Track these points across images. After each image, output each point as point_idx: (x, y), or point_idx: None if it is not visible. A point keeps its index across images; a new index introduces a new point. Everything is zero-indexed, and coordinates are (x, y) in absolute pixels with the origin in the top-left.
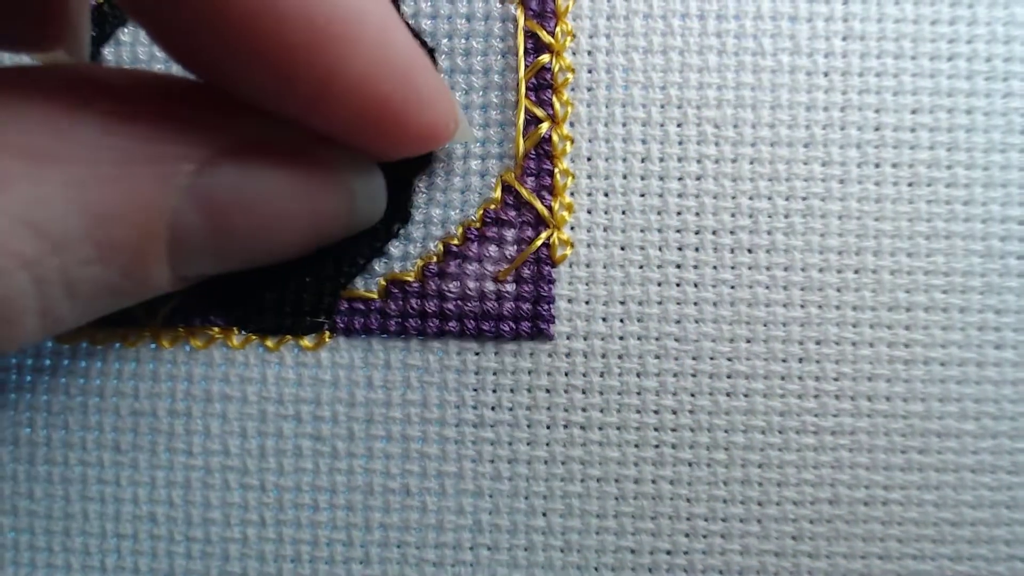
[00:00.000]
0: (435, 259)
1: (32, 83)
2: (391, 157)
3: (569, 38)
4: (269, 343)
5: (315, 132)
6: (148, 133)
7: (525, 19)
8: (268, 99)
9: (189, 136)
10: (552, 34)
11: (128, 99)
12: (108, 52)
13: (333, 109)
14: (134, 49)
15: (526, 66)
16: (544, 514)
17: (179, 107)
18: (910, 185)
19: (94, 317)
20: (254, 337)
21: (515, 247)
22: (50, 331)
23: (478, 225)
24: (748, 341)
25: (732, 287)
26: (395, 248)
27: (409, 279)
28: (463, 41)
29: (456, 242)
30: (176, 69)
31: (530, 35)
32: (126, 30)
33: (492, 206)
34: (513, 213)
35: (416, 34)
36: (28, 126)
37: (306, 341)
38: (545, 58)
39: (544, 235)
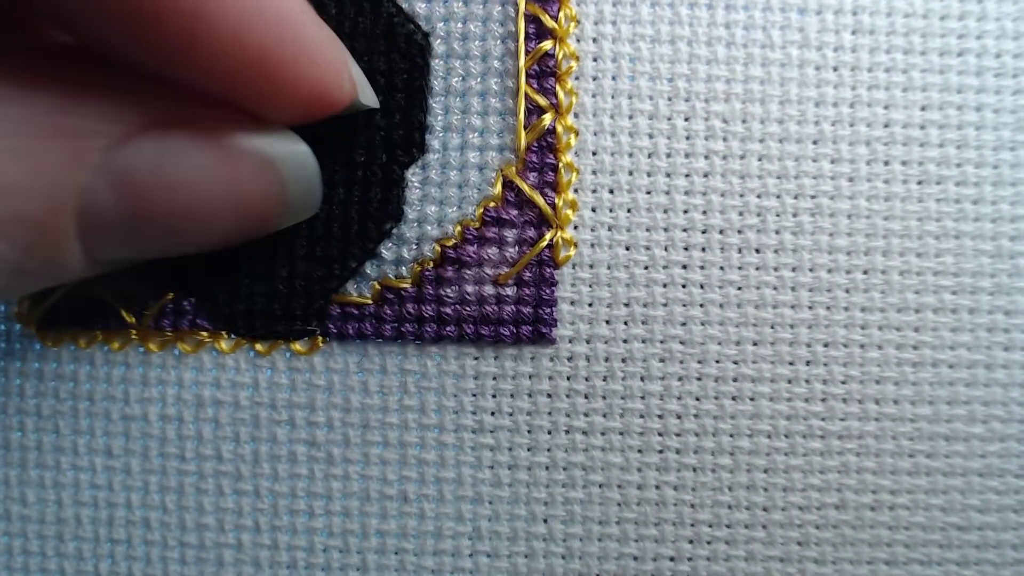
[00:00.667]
0: (431, 264)
1: None
2: (285, 121)
3: (573, 24)
4: (260, 347)
5: (239, 104)
6: (58, 105)
7: (526, 2)
8: (135, 50)
9: (103, 110)
10: (555, 19)
11: (37, 68)
12: None
13: (204, 60)
14: None
15: (527, 52)
16: (545, 521)
17: (93, 79)
18: (919, 183)
19: (3, 297)
20: (244, 342)
21: (516, 248)
22: None
23: (477, 225)
24: (755, 344)
25: (739, 288)
26: (387, 250)
27: (405, 286)
28: (460, 25)
29: (453, 244)
30: None
31: (532, 19)
32: None
33: (492, 203)
34: (515, 211)
35: (410, 18)
36: None
37: (298, 346)
38: (547, 44)
39: (548, 236)
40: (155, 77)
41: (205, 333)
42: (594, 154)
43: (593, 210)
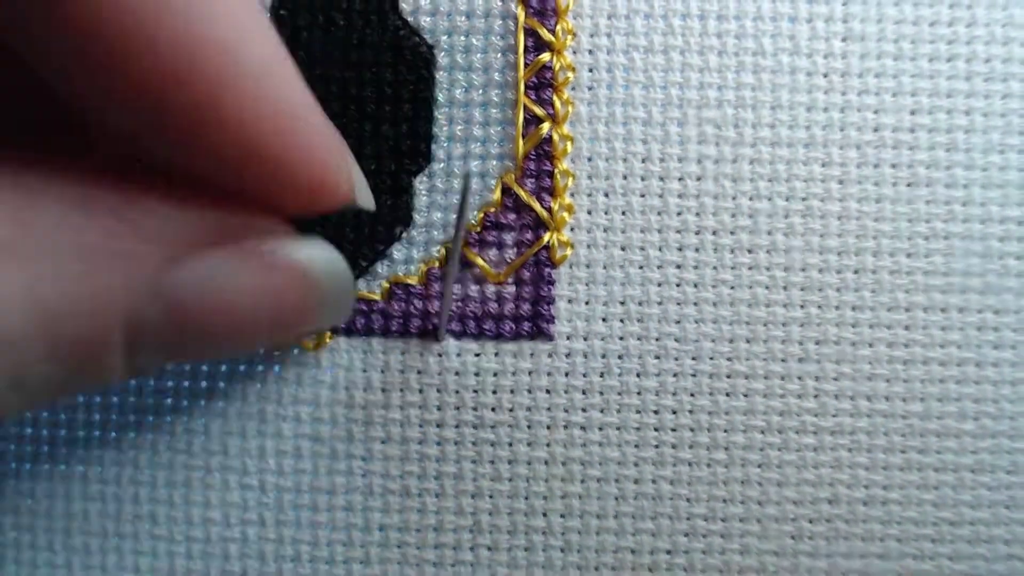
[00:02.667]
0: (437, 264)
1: None
2: (286, 212)
3: (570, 36)
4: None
5: (271, 213)
6: (108, 226)
7: (525, 17)
8: (139, 129)
9: (153, 232)
10: (553, 32)
11: (85, 188)
12: None
13: (208, 147)
14: None
15: (526, 64)
16: (544, 514)
17: (140, 197)
18: (909, 185)
19: (41, 406)
20: None
21: (515, 250)
22: None
23: (478, 229)
24: (748, 341)
25: (732, 287)
26: (398, 252)
27: (412, 282)
28: (463, 38)
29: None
30: None
31: (530, 33)
32: None
33: (492, 209)
34: (513, 216)
35: (415, 31)
36: None
37: (306, 342)
38: (545, 56)
39: (544, 239)
40: (194, 192)
41: None
42: (589, 160)
43: (589, 213)
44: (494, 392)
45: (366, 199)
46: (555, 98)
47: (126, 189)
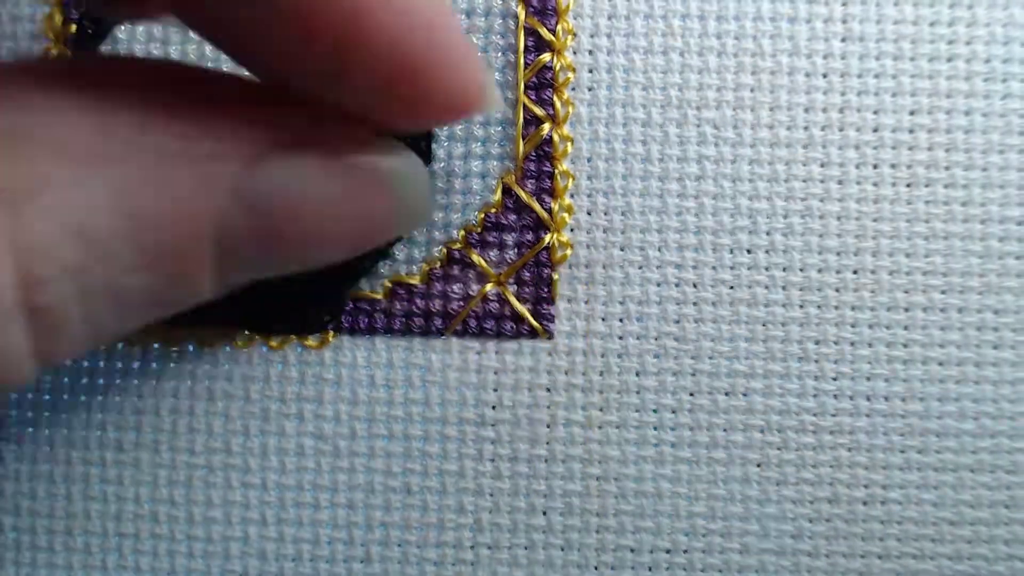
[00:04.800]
0: (439, 264)
1: (69, 76)
2: (421, 127)
3: (570, 37)
4: (273, 343)
5: (356, 120)
6: (188, 130)
7: (526, 16)
8: (283, 54)
9: (231, 133)
10: (553, 32)
11: (164, 92)
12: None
13: (355, 66)
14: (131, 47)
15: (527, 64)
16: (544, 513)
17: (219, 101)
18: (908, 186)
19: (139, 325)
20: (259, 338)
21: (516, 250)
22: (95, 341)
23: (479, 229)
24: (747, 341)
25: (731, 287)
26: (400, 252)
27: (414, 282)
28: None
29: (458, 246)
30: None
31: (531, 33)
32: (122, 28)
33: (493, 210)
34: (513, 217)
35: None
36: (68, 123)
37: (310, 340)
38: (546, 57)
39: (545, 240)
40: (273, 96)
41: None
42: (589, 161)
43: (588, 213)
44: (495, 390)
45: (499, 103)
46: (555, 98)
47: (198, 97)
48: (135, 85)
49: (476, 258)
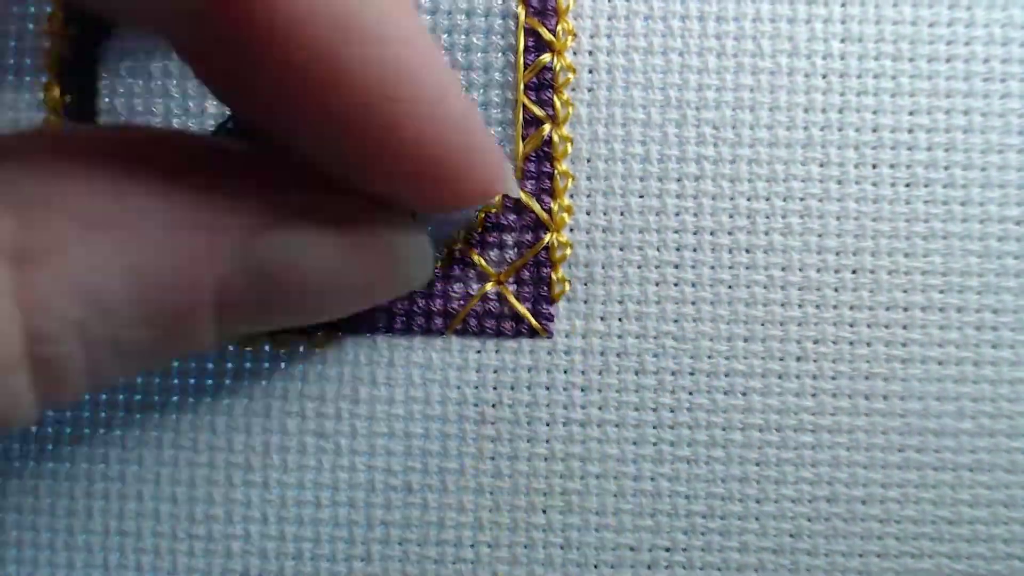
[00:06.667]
0: (439, 264)
1: (85, 146)
2: (438, 212)
3: (570, 37)
4: (276, 340)
5: (362, 193)
6: (196, 199)
7: (526, 16)
8: (322, 152)
9: (237, 202)
10: (553, 33)
11: (174, 162)
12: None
13: (387, 166)
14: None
15: (527, 65)
16: (544, 511)
17: (226, 172)
18: (907, 186)
19: (140, 371)
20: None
21: (515, 250)
22: (96, 387)
23: (479, 229)
24: (746, 340)
25: (730, 287)
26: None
27: None
28: (463, 37)
29: (458, 247)
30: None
31: (531, 33)
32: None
33: (492, 210)
34: (513, 217)
35: None
36: (83, 190)
37: (312, 339)
38: (546, 57)
39: (544, 240)
40: (277, 163)
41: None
42: (588, 161)
43: (588, 213)
44: (495, 389)
45: (514, 189)
46: (555, 99)
47: (210, 169)
48: (146, 155)
49: (476, 258)
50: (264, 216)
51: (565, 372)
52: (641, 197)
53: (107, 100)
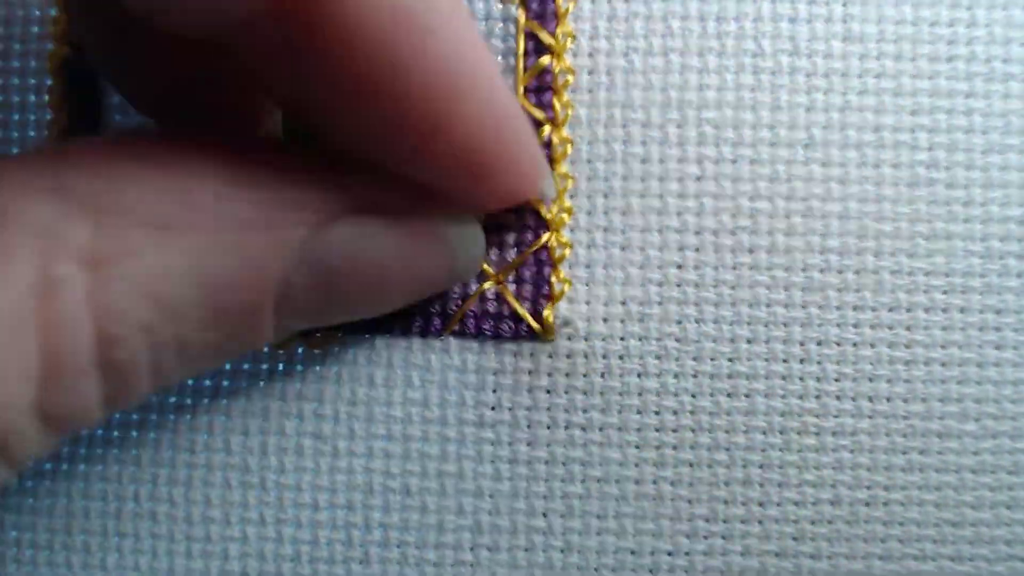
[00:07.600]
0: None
1: (151, 149)
2: (479, 210)
3: (570, 39)
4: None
5: (415, 186)
6: (261, 198)
7: (526, 20)
8: (373, 147)
9: (300, 200)
10: (553, 35)
11: (236, 163)
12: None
13: (434, 161)
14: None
15: (526, 68)
16: (544, 514)
17: (288, 171)
18: (909, 186)
19: (201, 372)
20: None
21: (516, 250)
22: (160, 387)
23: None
24: (749, 341)
25: (732, 287)
26: None
27: None
28: None
29: None
30: None
31: (530, 36)
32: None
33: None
34: (513, 217)
35: None
36: (150, 194)
37: (311, 340)
38: (546, 60)
39: (543, 238)
40: (337, 161)
41: None
42: (589, 162)
43: (588, 214)
44: (494, 391)
45: (551, 189)
46: (555, 101)
47: (273, 167)
48: (213, 156)
49: None
50: (326, 211)
51: (566, 375)
52: (642, 197)
53: (112, 100)
